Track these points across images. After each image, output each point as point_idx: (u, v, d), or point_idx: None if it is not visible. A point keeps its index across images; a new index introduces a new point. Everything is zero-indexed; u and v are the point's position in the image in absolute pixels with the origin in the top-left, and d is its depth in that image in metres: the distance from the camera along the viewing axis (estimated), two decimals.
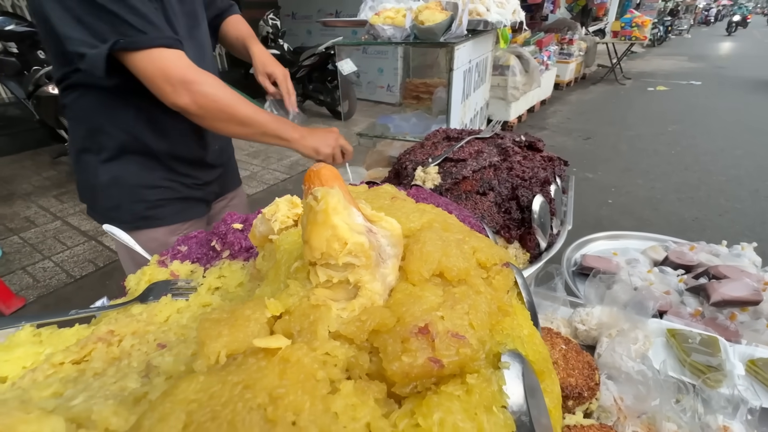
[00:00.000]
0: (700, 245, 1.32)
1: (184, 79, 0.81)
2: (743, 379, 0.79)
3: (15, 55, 3.53)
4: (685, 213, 3.22)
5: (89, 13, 0.74)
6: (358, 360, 0.23)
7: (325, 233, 0.25)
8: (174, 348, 0.35)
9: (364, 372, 0.23)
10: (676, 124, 5.20)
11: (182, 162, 1.05)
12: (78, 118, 0.98)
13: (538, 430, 0.24)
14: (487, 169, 0.77)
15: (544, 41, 5.95)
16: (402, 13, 1.20)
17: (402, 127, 1.39)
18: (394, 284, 0.27)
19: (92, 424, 0.23)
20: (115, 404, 0.24)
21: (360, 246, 0.25)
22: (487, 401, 0.22)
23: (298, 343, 0.22)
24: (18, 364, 0.39)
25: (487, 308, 0.26)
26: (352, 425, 0.19)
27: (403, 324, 0.23)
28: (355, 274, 0.26)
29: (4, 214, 3.19)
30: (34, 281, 2.42)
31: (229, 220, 0.55)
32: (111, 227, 0.77)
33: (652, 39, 12.93)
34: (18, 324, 0.45)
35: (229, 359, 0.22)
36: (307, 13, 7.00)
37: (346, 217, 0.26)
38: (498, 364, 0.24)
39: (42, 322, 0.46)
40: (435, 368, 0.21)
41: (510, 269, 0.32)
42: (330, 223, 0.25)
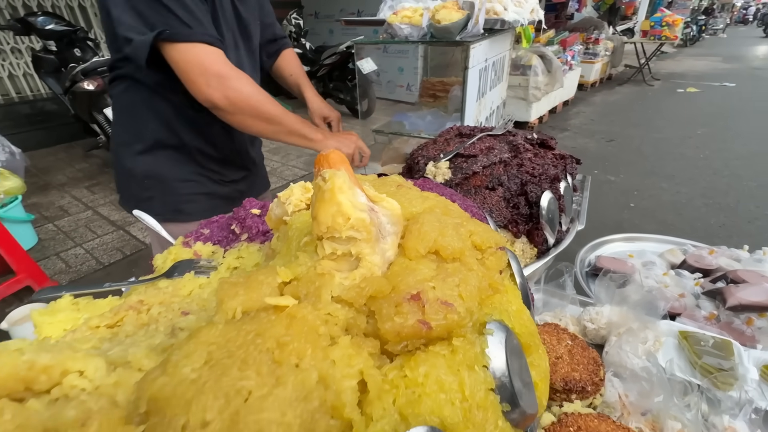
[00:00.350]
0: (720, 249, 1.29)
1: (218, 73, 0.84)
2: (755, 383, 0.78)
3: (53, 53, 3.72)
4: (712, 219, 3.11)
5: (144, 3, 0.79)
6: (356, 321, 0.26)
7: (331, 209, 0.28)
8: (196, 315, 0.39)
9: (361, 331, 0.25)
10: (706, 127, 5.00)
11: (210, 158, 1.10)
12: (121, 110, 1.04)
13: (518, 394, 0.26)
14: (497, 165, 0.78)
15: (568, 41, 5.83)
16: (419, 12, 1.23)
17: (417, 125, 1.41)
18: (392, 259, 0.30)
19: (128, 364, 0.26)
20: (147, 350, 0.28)
21: (362, 221, 0.28)
22: (470, 361, 0.24)
23: (303, 303, 0.25)
24: (59, 327, 0.44)
25: (477, 283, 0.29)
26: (347, 371, 0.22)
27: (397, 291, 0.26)
28: (357, 247, 0.28)
29: (40, 203, 3.38)
30: (67, 267, 2.57)
31: (248, 205, 0.58)
32: (140, 213, 0.82)
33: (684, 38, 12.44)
34: (59, 293, 0.50)
35: (243, 315, 0.25)
36: (329, 13, 7.08)
37: (350, 196, 0.29)
38: (483, 331, 0.26)
39: (79, 293, 0.51)
40: (424, 330, 0.24)
41: (504, 252, 0.34)
42: (335, 200, 0.28)
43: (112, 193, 3.57)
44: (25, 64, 4.88)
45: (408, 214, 0.35)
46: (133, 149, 1.03)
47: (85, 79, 3.05)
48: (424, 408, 0.21)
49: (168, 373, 0.21)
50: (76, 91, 3.09)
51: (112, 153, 1.10)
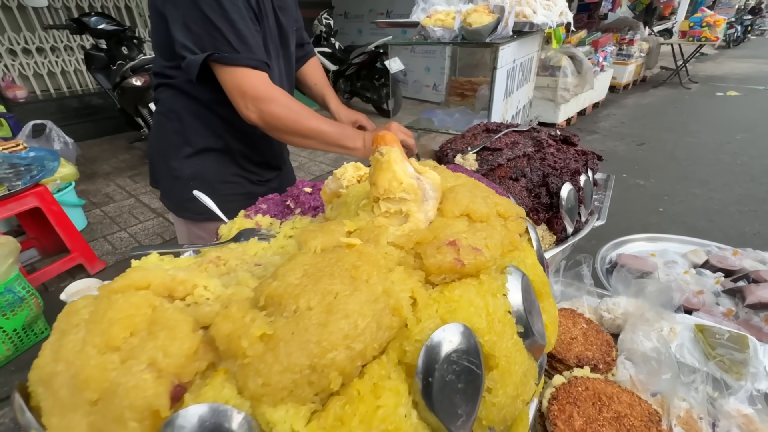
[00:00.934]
0: (745, 251, 1.28)
1: (255, 97, 0.90)
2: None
3: (104, 51, 4.00)
4: (746, 227, 3.01)
5: (199, 24, 0.85)
6: (406, 259, 0.33)
7: (388, 176, 0.36)
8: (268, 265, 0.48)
9: (410, 267, 0.33)
10: (746, 133, 4.80)
11: (250, 161, 1.16)
12: (169, 114, 1.08)
13: (531, 322, 0.33)
14: (521, 158, 0.85)
15: (600, 41, 5.70)
16: (452, 15, 1.29)
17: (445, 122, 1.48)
18: (432, 218, 0.38)
19: (238, 284, 0.35)
20: (250, 275, 0.37)
21: (411, 186, 0.36)
22: (493, 290, 0.31)
23: (367, 244, 0.33)
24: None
25: (500, 239, 0.36)
26: (402, 287, 0.29)
27: (438, 239, 0.33)
28: (406, 206, 0.36)
29: (88, 189, 3.64)
30: (113, 248, 2.78)
31: (300, 185, 0.68)
32: (200, 193, 0.91)
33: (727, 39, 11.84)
34: (147, 251, 0.61)
35: (322, 251, 0.34)
36: (359, 13, 7.20)
37: (402, 167, 0.37)
38: (503, 271, 0.34)
39: (163, 251, 0.61)
40: (458, 266, 0.32)
41: (523, 220, 0.41)
42: (391, 169, 0.36)
43: None
44: (76, 61, 5.24)
45: (443, 187, 0.42)
46: (181, 152, 1.08)
47: (133, 76, 3.27)
48: (458, 316, 0.29)
49: (278, 279, 0.29)
50: (125, 86, 3.33)
51: (156, 154, 1.15)
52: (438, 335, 0.27)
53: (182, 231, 1.23)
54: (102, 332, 0.27)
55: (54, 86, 5.17)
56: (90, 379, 0.26)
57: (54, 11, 4.87)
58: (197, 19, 0.85)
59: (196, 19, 0.85)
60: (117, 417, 0.24)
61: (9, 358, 1.85)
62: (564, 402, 0.55)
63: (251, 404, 0.25)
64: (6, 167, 2.02)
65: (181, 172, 1.09)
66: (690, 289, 1.10)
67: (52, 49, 4.98)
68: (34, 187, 2.14)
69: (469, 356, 0.27)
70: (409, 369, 0.27)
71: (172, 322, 0.27)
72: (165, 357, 0.26)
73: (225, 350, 0.27)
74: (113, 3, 5.29)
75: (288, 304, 0.27)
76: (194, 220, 1.16)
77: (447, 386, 0.26)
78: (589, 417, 0.53)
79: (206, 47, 0.87)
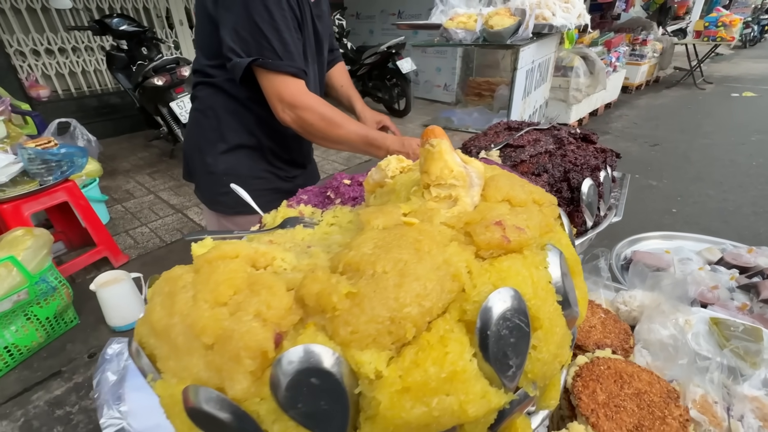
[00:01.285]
0: (760, 249, 1.31)
1: (292, 103, 0.97)
2: None
3: (124, 51, 4.12)
4: (761, 228, 3.00)
5: (248, 30, 0.91)
6: (457, 237, 0.38)
7: (440, 164, 0.41)
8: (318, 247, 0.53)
9: (462, 243, 0.38)
10: (762, 134, 4.75)
11: (280, 158, 1.22)
12: (207, 111, 1.14)
13: (569, 294, 0.38)
14: (542, 155, 0.89)
15: (613, 42, 5.68)
16: (474, 18, 1.34)
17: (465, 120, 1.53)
18: (477, 203, 0.43)
19: (310, 256, 0.40)
20: (320, 249, 0.42)
21: (460, 173, 0.41)
22: (536, 263, 0.36)
23: (423, 223, 0.38)
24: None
25: (538, 221, 0.40)
26: (457, 259, 0.34)
27: (485, 220, 0.38)
28: (455, 191, 0.41)
29: (109, 186, 3.75)
30: (135, 243, 2.87)
31: (339, 178, 0.73)
32: (236, 186, 0.96)
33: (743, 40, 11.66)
34: (202, 236, 0.66)
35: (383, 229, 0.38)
36: (370, 13, 7.26)
37: (452, 156, 0.41)
38: (543, 248, 0.38)
39: (217, 237, 0.67)
40: (505, 242, 0.36)
41: (557, 207, 0.46)
42: (443, 158, 0.41)
43: (171, 180, 3.91)
44: (96, 61, 5.38)
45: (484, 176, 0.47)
46: (216, 148, 1.14)
47: (155, 75, 3.37)
48: (508, 283, 0.33)
49: (354, 250, 0.34)
50: (146, 86, 3.43)
51: (192, 149, 1.21)
52: (494, 296, 0.31)
53: (213, 223, 1.29)
54: (210, 291, 0.33)
55: (75, 86, 5.32)
56: (206, 328, 0.31)
57: (75, 12, 5.01)
58: (247, 26, 0.91)
59: (246, 25, 0.91)
60: (234, 356, 0.29)
61: (41, 345, 1.94)
62: (587, 379, 0.60)
63: (341, 349, 0.30)
64: (38, 163, 2.11)
65: (215, 167, 1.15)
66: (705, 284, 1.13)
67: (73, 50, 5.13)
68: (64, 182, 2.23)
69: (519, 315, 0.32)
70: (468, 326, 0.32)
71: (270, 282, 0.33)
72: (268, 309, 0.31)
73: (314, 307, 0.32)
74: (132, 4, 5.42)
75: (366, 269, 0.32)
76: (225, 213, 1.23)
77: (501, 340, 0.31)
78: (612, 392, 0.58)
79: (252, 52, 0.93)
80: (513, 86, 1.34)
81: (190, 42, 6.03)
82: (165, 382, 0.33)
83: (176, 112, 3.40)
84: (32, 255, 1.78)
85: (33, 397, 1.71)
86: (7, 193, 1.98)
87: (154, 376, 0.34)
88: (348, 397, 0.29)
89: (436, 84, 6.67)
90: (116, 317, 2.01)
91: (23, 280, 1.73)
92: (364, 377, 0.29)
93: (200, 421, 0.31)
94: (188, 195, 3.57)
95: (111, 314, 2.00)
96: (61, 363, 1.87)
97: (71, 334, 2.04)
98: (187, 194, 3.58)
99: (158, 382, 0.33)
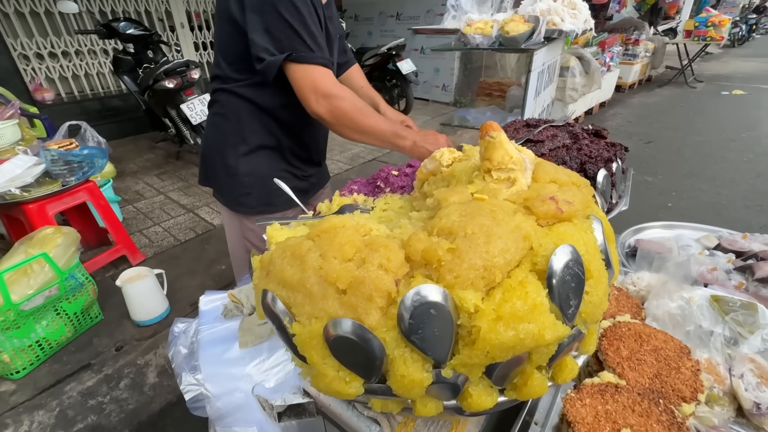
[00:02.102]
0: (753, 236, 1.41)
1: (327, 92, 0.98)
2: None
3: (130, 54, 4.17)
4: (753, 220, 3.14)
5: (280, 29, 0.94)
6: (519, 210, 0.47)
7: (501, 152, 0.50)
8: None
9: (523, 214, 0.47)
10: (752, 131, 4.91)
11: (298, 158, 1.26)
12: (228, 115, 1.15)
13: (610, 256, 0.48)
14: (560, 149, 0.99)
15: (607, 42, 5.83)
16: (490, 24, 1.44)
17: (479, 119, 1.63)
18: (530, 184, 0.52)
19: (399, 227, 0.50)
20: (407, 221, 0.52)
21: (519, 159, 0.50)
22: (584, 229, 0.45)
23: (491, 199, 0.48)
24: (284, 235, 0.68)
25: (581, 198, 0.50)
26: (525, 224, 0.43)
27: (540, 196, 0.47)
28: (514, 174, 0.50)
29: (119, 187, 3.81)
30: (150, 242, 2.94)
31: (387, 170, 0.82)
32: (278, 181, 1.02)
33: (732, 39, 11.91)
34: (270, 221, 0.75)
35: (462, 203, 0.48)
36: (369, 15, 7.36)
37: (510, 145, 0.51)
38: (588, 218, 0.48)
39: (282, 222, 0.76)
40: (559, 213, 0.45)
41: (591, 188, 0.56)
42: (503, 147, 0.50)
43: (179, 181, 3.97)
44: (99, 64, 5.41)
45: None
46: (238, 151, 1.16)
47: (166, 78, 3.43)
48: (566, 242, 0.43)
49: (444, 218, 0.43)
50: (157, 88, 3.49)
51: (212, 152, 1.22)
52: (559, 250, 0.41)
53: (234, 225, 1.31)
54: (337, 250, 0.42)
55: (78, 89, 5.35)
56: (340, 277, 0.40)
57: (79, 17, 5.05)
58: (278, 25, 0.94)
59: (278, 25, 0.94)
60: (367, 296, 0.38)
61: (69, 340, 2.01)
62: (612, 338, 0.69)
63: (447, 290, 0.39)
64: (61, 164, 2.18)
65: (236, 169, 1.17)
66: (705, 266, 1.24)
67: (76, 53, 5.15)
68: (85, 182, 2.30)
69: (577, 265, 0.41)
70: (539, 274, 0.42)
71: (386, 242, 0.42)
72: (388, 261, 0.40)
73: (419, 261, 0.41)
74: (134, 7, 5.46)
75: (458, 231, 0.42)
76: (247, 214, 1.25)
77: (565, 284, 0.41)
78: (633, 349, 0.67)
79: (285, 48, 0.95)
80: (527, 87, 1.45)
81: (191, 44, 6.08)
82: (300, 323, 0.42)
83: (187, 114, 3.47)
84: (62, 252, 1.85)
85: (66, 388, 1.78)
86: (32, 194, 2.04)
87: (289, 319, 0.43)
88: (453, 326, 0.39)
89: (435, 84, 6.80)
90: (141, 312, 2.08)
91: (54, 276, 1.79)
92: (465, 311, 0.39)
93: (337, 348, 0.40)
94: (198, 195, 3.64)
95: (136, 309, 2.07)
96: (90, 356, 1.94)
97: (96, 329, 2.11)
98: (197, 194, 3.65)
99: (294, 324, 0.42)
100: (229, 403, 0.73)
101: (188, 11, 5.95)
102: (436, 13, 6.23)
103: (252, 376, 0.75)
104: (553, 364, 0.47)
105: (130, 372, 1.87)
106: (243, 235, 1.31)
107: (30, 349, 1.82)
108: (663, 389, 0.61)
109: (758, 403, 0.73)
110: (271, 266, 0.47)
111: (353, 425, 0.67)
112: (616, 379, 0.62)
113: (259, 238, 1.29)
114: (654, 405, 0.56)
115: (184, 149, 4.50)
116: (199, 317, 0.88)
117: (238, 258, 1.40)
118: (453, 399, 0.45)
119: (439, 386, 0.42)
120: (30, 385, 1.79)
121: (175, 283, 2.41)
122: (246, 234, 1.31)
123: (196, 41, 6.17)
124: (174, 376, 0.77)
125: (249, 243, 1.32)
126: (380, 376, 0.42)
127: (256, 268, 0.54)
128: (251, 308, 0.86)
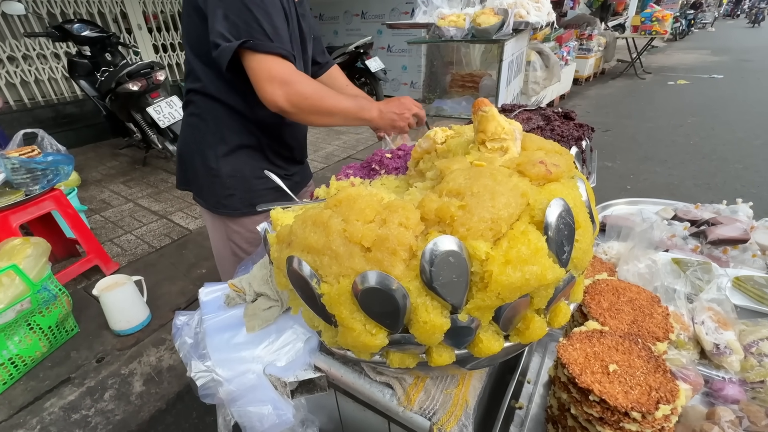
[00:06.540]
0: (704, 206, 1.58)
1: (283, 80, 0.93)
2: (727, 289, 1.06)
3: (87, 58, 3.97)
4: (702, 197, 3.41)
5: (238, 15, 0.89)
6: (513, 173, 0.54)
7: (494, 124, 0.56)
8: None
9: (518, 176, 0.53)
10: (696, 117, 5.33)
11: (279, 156, 1.24)
12: (204, 115, 1.12)
13: (593, 213, 0.55)
14: (535, 130, 1.07)
15: (563, 37, 6.15)
16: (462, 17, 1.51)
17: (456, 108, 1.70)
18: (519, 152, 0.58)
19: (408, 194, 0.54)
20: (415, 189, 0.56)
21: (510, 130, 0.56)
22: (570, 187, 0.52)
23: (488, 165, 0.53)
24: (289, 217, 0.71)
25: (565, 163, 0.57)
26: (521, 184, 0.49)
27: (531, 161, 0.54)
28: (505, 143, 0.56)
29: (82, 197, 3.62)
30: (122, 250, 2.83)
31: (380, 153, 0.87)
32: (270, 173, 1.03)
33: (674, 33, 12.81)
34: (272, 206, 0.78)
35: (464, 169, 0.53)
36: (334, 14, 7.35)
37: (501, 118, 0.57)
38: (573, 178, 0.55)
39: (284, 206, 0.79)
40: (548, 174, 0.52)
41: (572, 155, 0.63)
42: (496, 119, 0.56)
43: (148, 187, 3.83)
44: (50, 69, 5.11)
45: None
46: (217, 151, 1.13)
47: (129, 81, 3.30)
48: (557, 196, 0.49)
49: (451, 183, 0.48)
50: (120, 92, 3.34)
51: (190, 155, 1.18)
52: (554, 202, 0.47)
53: (218, 227, 1.28)
54: (358, 214, 0.46)
55: (28, 96, 5.02)
56: (364, 236, 0.44)
57: (25, 19, 4.74)
58: (238, 10, 0.90)
59: (237, 10, 0.90)
60: (392, 251, 0.43)
61: (45, 355, 1.91)
62: (593, 293, 0.77)
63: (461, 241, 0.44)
64: (23, 173, 2.07)
65: (218, 171, 1.14)
66: (665, 234, 1.37)
67: (24, 58, 4.84)
68: (51, 191, 2.19)
69: (569, 216, 0.48)
70: (537, 225, 0.48)
71: (402, 204, 0.46)
72: (407, 220, 0.45)
73: (432, 219, 0.46)
74: (86, 9, 5.19)
75: (465, 192, 0.47)
76: (231, 216, 1.22)
77: (559, 232, 0.47)
78: (612, 301, 0.76)
79: (242, 35, 0.90)
80: (500, 76, 1.54)
81: (150, 46, 5.85)
82: (328, 284, 0.46)
83: (154, 117, 3.34)
84: (33, 263, 1.76)
85: (46, 405, 1.70)
86: None
87: (317, 280, 0.47)
88: (468, 272, 0.44)
89: (403, 82, 6.90)
90: (121, 321, 2.01)
91: (26, 288, 1.71)
92: (478, 258, 0.44)
93: (366, 300, 0.44)
94: (170, 201, 3.52)
95: (115, 318, 2.00)
96: (69, 370, 1.86)
97: (73, 342, 2.02)
98: (169, 200, 3.54)
99: (322, 284, 0.46)
100: (242, 385, 0.75)
101: (145, 12, 5.72)
102: (401, 11, 6.32)
103: (262, 357, 0.78)
104: (550, 309, 0.54)
105: (114, 383, 1.81)
106: (228, 238, 1.28)
107: (2, 367, 1.72)
108: (640, 332, 0.69)
109: (717, 344, 0.83)
110: (293, 237, 0.51)
111: (366, 392, 0.71)
112: (600, 326, 0.69)
113: (246, 240, 1.28)
114: (634, 344, 0.64)
115: (151, 155, 4.34)
116: (201, 308, 0.89)
117: (224, 260, 1.36)
118: (466, 345, 0.51)
119: (455, 331, 0.47)
120: (5, 405, 1.70)
121: (154, 290, 2.34)
122: (231, 236, 1.28)
123: (155, 43, 5.94)
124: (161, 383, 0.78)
125: (234, 245, 1.29)
126: (403, 326, 0.47)
127: (272, 244, 0.57)
128: (254, 295, 0.88)
